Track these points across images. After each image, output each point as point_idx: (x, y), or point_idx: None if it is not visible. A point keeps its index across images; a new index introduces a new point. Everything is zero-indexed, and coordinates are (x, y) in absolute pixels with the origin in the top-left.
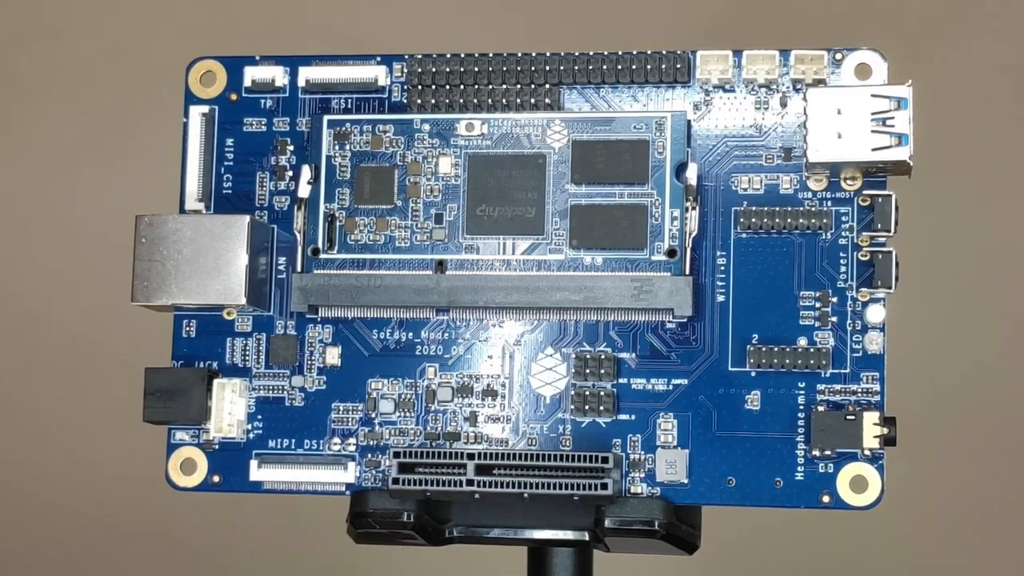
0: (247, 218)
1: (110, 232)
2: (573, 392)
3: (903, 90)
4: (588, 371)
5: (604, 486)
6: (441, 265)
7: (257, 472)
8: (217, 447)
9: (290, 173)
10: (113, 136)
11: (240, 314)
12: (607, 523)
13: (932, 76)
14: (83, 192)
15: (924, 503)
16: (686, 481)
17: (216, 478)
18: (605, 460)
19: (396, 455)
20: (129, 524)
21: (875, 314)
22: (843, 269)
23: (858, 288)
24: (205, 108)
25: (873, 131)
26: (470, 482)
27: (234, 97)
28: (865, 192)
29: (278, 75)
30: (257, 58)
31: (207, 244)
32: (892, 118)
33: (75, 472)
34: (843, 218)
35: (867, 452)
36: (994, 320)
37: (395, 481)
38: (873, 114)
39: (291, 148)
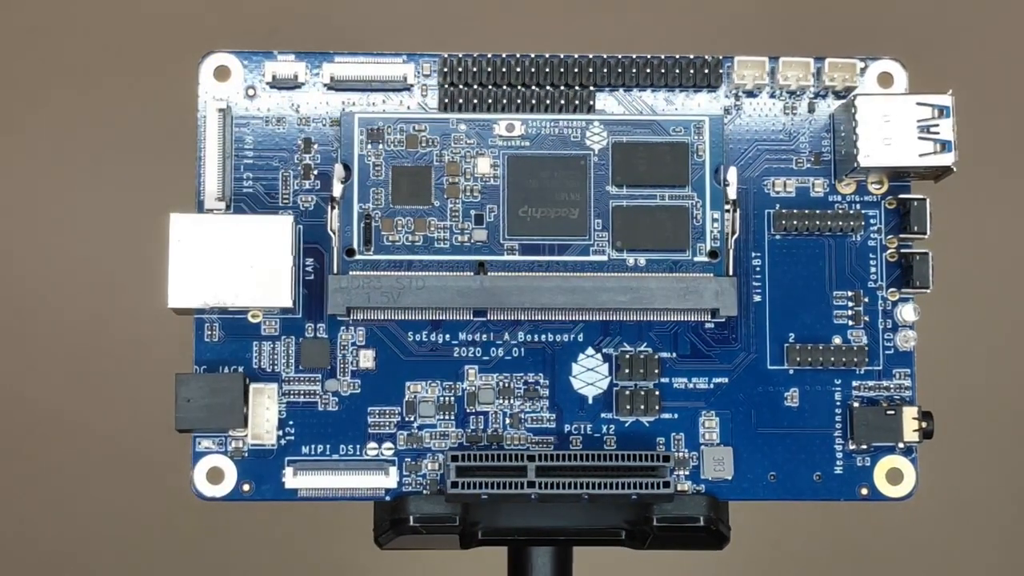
0: (290, 218)
1: (118, 234)
2: (617, 391)
3: (945, 99)
4: (630, 371)
5: (665, 484)
6: (482, 266)
7: (293, 480)
8: (247, 455)
9: (316, 172)
10: (121, 134)
11: (267, 317)
12: (660, 521)
13: (949, 82)
14: (90, 193)
15: (954, 494)
16: (729, 477)
17: (246, 487)
18: (666, 459)
19: (454, 458)
20: (151, 534)
21: (906, 313)
22: (873, 270)
23: (888, 288)
24: (222, 104)
25: (919, 138)
26: (531, 484)
27: (252, 92)
28: (900, 196)
29: (300, 71)
30: (275, 53)
31: (249, 245)
32: (936, 125)
33: (86, 481)
34: (871, 221)
35: (902, 445)
36: (1016, 316)
37: (454, 485)
38: (918, 121)
39: (316, 146)
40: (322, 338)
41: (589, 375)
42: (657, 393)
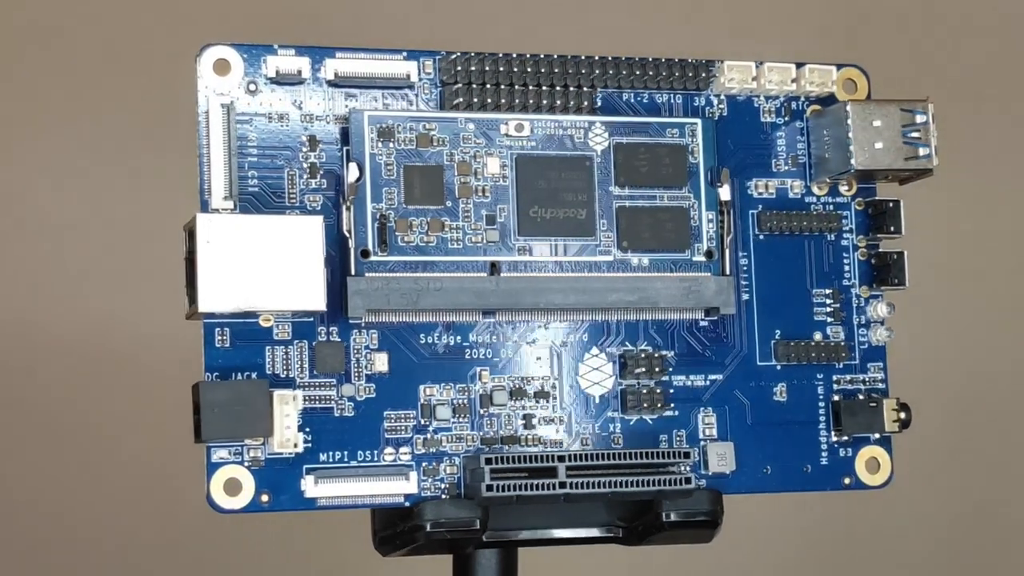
0: (320, 218)
1: (114, 238)
2: (623, 390)
3: (926, 106)
4: (636, 370)
5: (687, 480)
6: (495, 267)
7: (314, 488)
8: (263, 464)
9: (322, 171)
10: (112, 134)
11: (279, 321)
12: (672, 517)
13: (909, 88)
14: (85, 195)
15: (925, 480)
16: (729, 472)
17: (265, 497)
18: (687, 456)
19: (488, 461)
20: (162, 545)
21: (880, 309)
22: (847, 268)
23: (861, 285)
24: (226, 99)
25: (904, 142)
26: (562, 484)
27: (254, 88)
28: (875, 198)
29: (304, 66)
30: (276, 47)
31: (278, 246)
32: (918, 131)
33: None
34: (844, 221)
35: (878, 436)
36: (980, 312)
37: (489, 488)
38: (903, 127)
39: (321, 144)
40: (336, 341)
41: (595, 374)
42: (663, 391)
